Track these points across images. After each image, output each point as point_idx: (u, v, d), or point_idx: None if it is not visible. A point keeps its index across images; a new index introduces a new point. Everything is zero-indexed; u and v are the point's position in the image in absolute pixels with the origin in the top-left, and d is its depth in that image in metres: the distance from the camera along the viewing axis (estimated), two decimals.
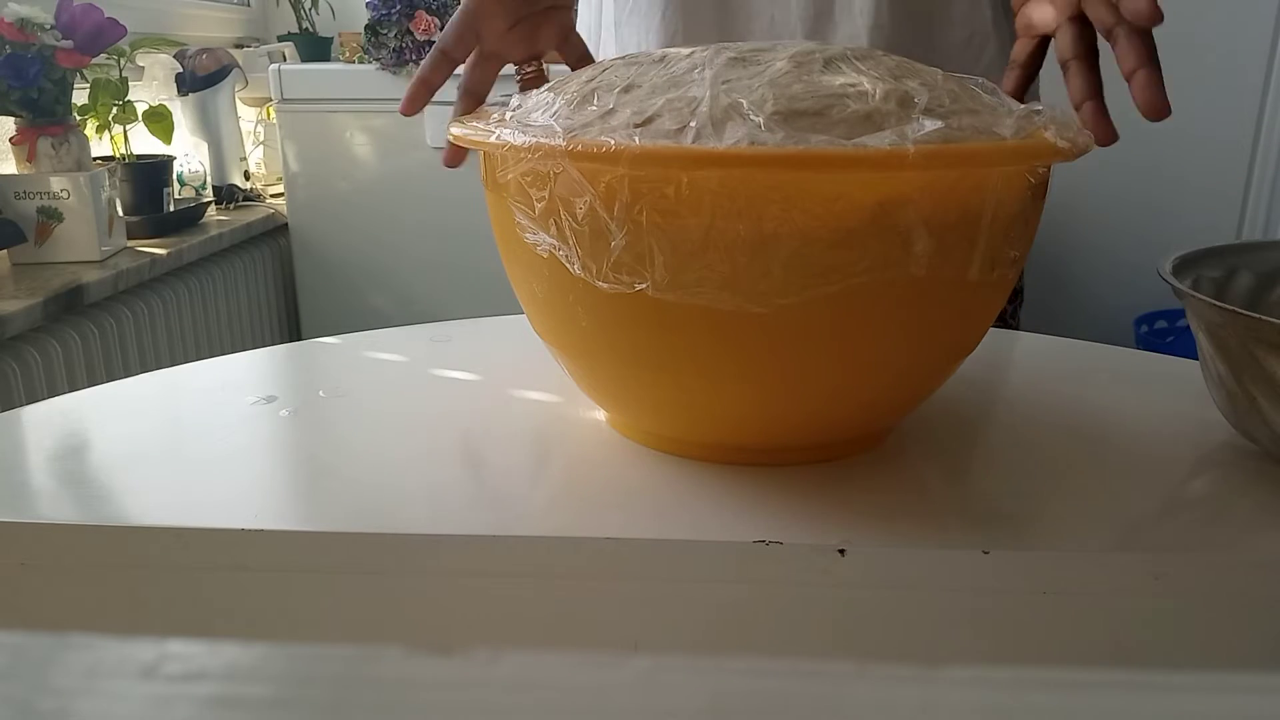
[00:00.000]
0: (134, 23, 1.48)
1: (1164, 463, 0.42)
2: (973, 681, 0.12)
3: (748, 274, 0.33)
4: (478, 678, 0.12)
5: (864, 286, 0.33)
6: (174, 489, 0.39)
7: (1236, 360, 0.39)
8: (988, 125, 0.35)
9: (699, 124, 0.33)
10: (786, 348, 0.35)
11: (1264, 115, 2.06)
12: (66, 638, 0.12)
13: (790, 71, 0.35)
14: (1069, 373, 0.54)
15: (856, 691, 0.12)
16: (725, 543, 0.35)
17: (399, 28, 1.80)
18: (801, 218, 0.32)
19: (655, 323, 0.35)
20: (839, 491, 0.39)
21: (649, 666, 0.12)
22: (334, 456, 0.42)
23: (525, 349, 0.54)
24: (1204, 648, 0.35)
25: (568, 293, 0.37)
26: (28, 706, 0.11)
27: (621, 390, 0.41)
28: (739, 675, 0.12)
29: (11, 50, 1.25)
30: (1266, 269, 0.47)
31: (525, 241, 0.37)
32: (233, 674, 0.12)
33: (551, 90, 0.39)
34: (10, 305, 1.15)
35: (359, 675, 0.12)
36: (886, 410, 0.42)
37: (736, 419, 0.40)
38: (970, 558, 0.34)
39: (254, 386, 0.51)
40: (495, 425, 0.45)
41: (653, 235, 0.33)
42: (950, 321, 0.38)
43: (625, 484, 0.39)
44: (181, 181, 1.83)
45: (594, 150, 0.32)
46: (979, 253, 0.35)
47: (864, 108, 0.33)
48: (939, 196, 0.33)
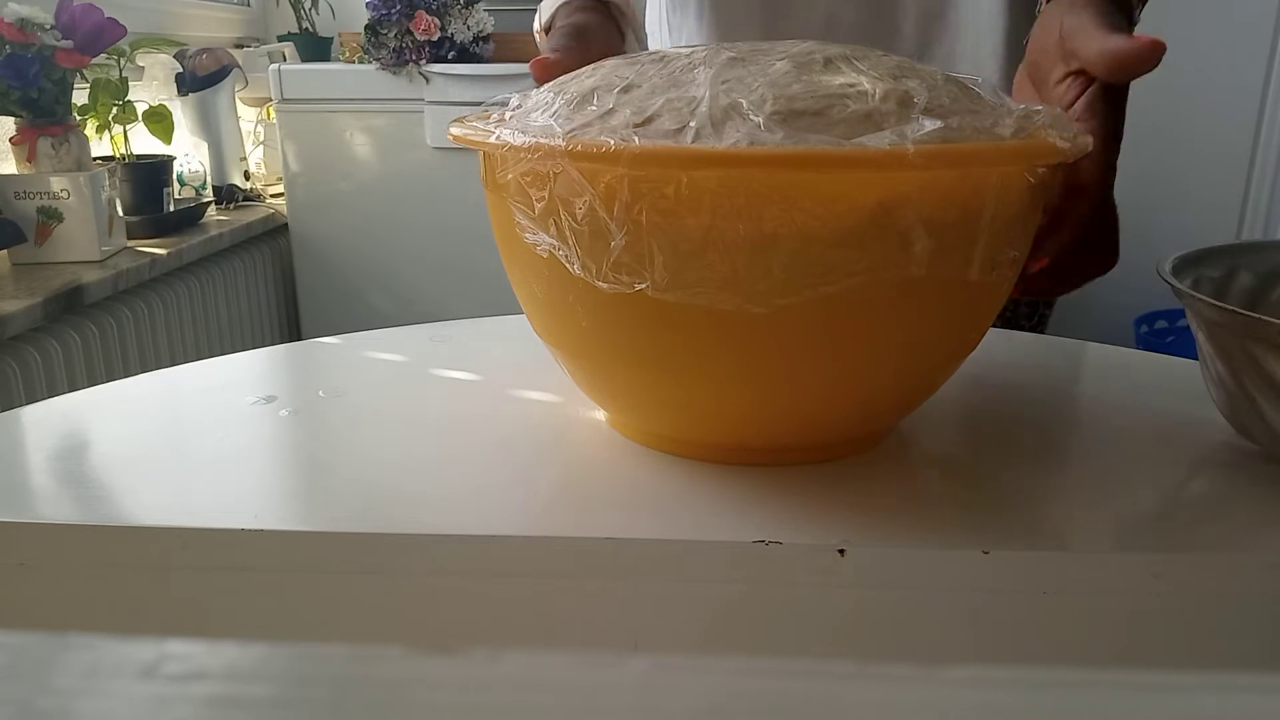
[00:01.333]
0: (134, 23, 1.48)
1: (1164, 463, 0.42)
2: (973, 681, 0.12)
3: (747, 274, 0.33)
4: (478, 678, 0.12)
5: (864, 286, 0.33)
6: (174, 489, 0.39)
7: (1236, 360, 0.39)
8: (987, 125, 0.35)
9: (698, 124, 0.33)
10: (786, 347, 0.35)
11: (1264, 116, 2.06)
12: (66, 638, 0.12)
13: (790, 71, 0.35)
14: (1069, 372, 0.54)
15: (856, 691, 0.12)
16: (725, 543, 0.35)
17: (399, 28, 1.80)
18: (801, 218, 0.32)
19: (655, 323, 0.35)
20: (839, 491, 0.39)
21: (649, 666, 0.12)
22: (334, 456, 0.42)
23: (525, 349, 0.54)
24: (1204, 648, 0.35)
25: (568, 293, 0.37)
26: (28, 706, 0.11)
27: (622, 390, 0.41)
28: (739, 675, 0.12)
29: (11, 50, 1.25)
30: (1266, 269, 0.47)
31: (525, 242, 0.37)
32: (233, 674, 0.12)
33: (551, 90, 0.39)
34: (10, 305, 1.15)
35: (359, 675, 0.12)
36: (886, 410, 0.42)
37: (736, 419, 0.40)
38: (970, 558, 0.34)
39: (254, 386, 0.51)
40: (495, 425, 0.45)
41: (652, 235, 0.33)
42: (950, 321, 0.38)
43: (625, 484, 0.39)
44: (181, 181, 1.83)
45: (593, 150, 0.32)
46: (979, 253, 0.35)
47: (864, 108, 0.33)
48: (939, 196, 0.33)
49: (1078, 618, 0.35)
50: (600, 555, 0.35)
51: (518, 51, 1.90)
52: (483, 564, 0.35)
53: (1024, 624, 0.35)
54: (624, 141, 0.32)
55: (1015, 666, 0.12)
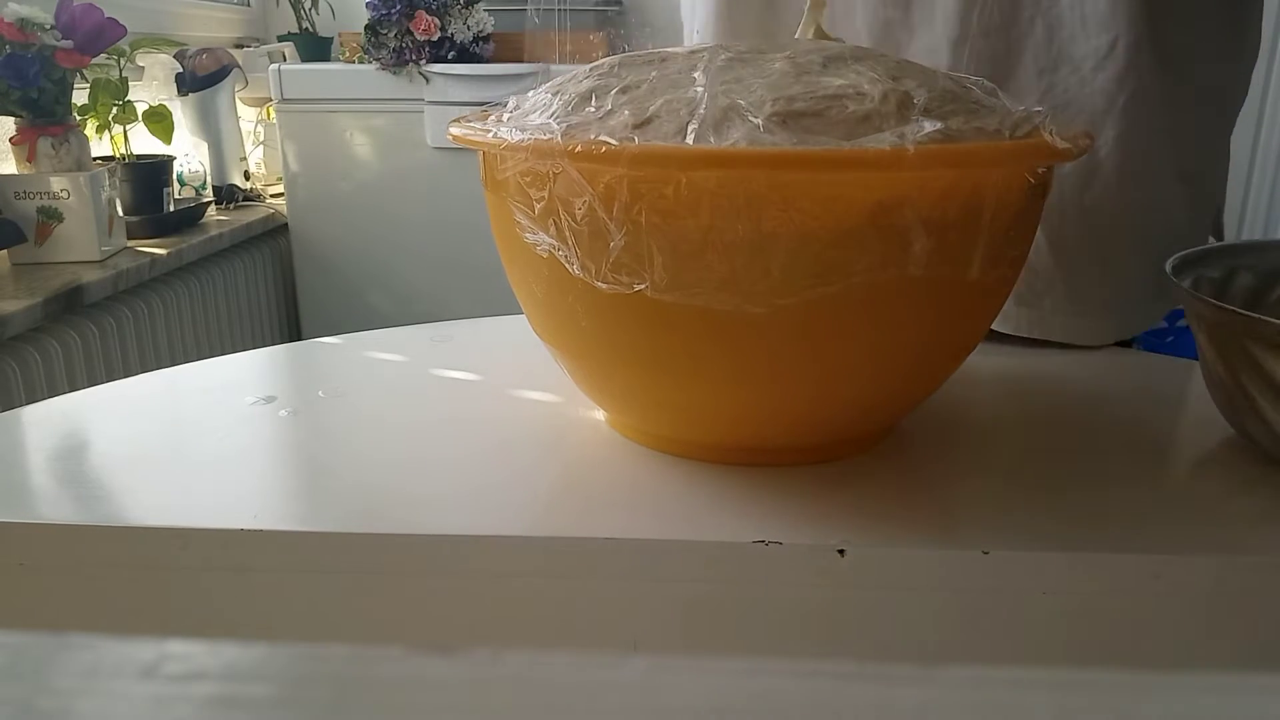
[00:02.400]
0: (134, 23, 1.48)
1: (1164, 463, 0.42)
2: (973, 681, 0.12)
3: (746, 274, 0.33)
4: (478, 678, 0.12)
5: (863, 286, 0.33)
6: (174, 489, 0.39)
7: (1236, 360, 0.39)
8: (987, 125, 0.35)
9: (698, 124, 0.33)
10: (786, 348, 0.35)
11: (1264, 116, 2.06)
12: (66, 638, 0.12)
13: (789, 72, 0.35)
14: (1069, 373, 0.54)
15: (856, 691, 0.12)
16: (725, 543, 0.35)
17: (399, 28, 1.80)
18: (800, 218, 0.32)
19: (655, 323, 0.35)
20: (838, 492, 0.39)
21: (649, 666, 0.12)
22: (334, 456, 0.42)
23: (525, 349, 0.54)
24: (1204, 648, 0.35)
25: (567, 293, 0.37)
26: (28, 706, 0.11)
27: (622, 390, 0.41)
28: (739, 675, 0.12)
29: (11, 50, 1.25)
30: (1266, 269, 0.47)
31: (525, 242, 0.37)
32: (233, 674, 0.12)
33: (550, 91, 0.39)
34: (10, 305, 1.15)
35: (359, 675, 0.12)
36: (886, 410, 0.42)
37: (737, 419, 0.40)
38: (970, 558, 0.34)
39: (254, 386, 0.51)
40: (495, 425, 0.45)
41: (651, 236, 0.33)
42: (950, 321, 0.38)
43: (625, 484, 0.39)
44: (181, 181, 1.83)
45: (593, 150, 0.32)
46: (978, 253, 0.35)
47: (863, 108, 0.33)
48: (938, 197, 0.33)
49: (1078, 618, 0.35)
50: (600, 555, 0.35)
51: (518, 51, 1.90)
52: (483, 564, 0.36)
53: (1024, 624, 0.35)
54: (623, 142, 0.32)
55: (1015, 666, 0.12)
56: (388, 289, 1.98)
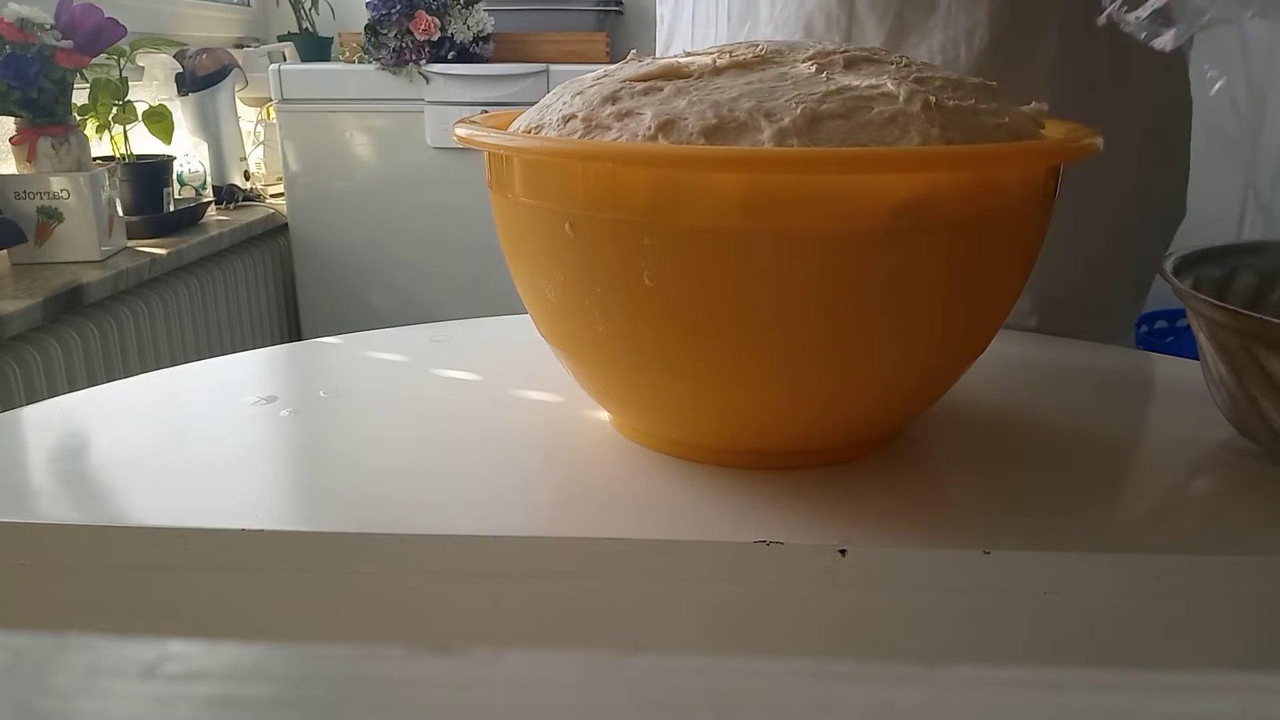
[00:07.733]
0: (134, 23, 1.48)
1: (1164, 463, 0.42)
2: (973, 681, 0.12)
3: (771, 275, 0.33)
4: (478, 678, 0.12)
5: (876, 289, 0.33)
6: (174, 489, 0.39)
7: (1237, 360, 0.39)
8: (1000, 125, 0.35)
9: (721, 125, 0.33)
10: (798, 351, 0.35)
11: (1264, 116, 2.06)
12: (66, 638, 0.12)
13: (812, 74, 0.35)
14: (1069, 372, 0.54)
15: (856, 691, 0.12)
16: (726, 543, 0.35)
17: (399, 28, 1.80)
18: (820, 220, 0.32)
19: (676, 326, 0.35)
20: (840, 492, 0.39)
21: (649, 666, 0.12)
22: (335, 457, 0.42)
23: (526, 349, 0.54)
24: (1204, 648, 0.35)
25: (584, 297, 0.36)
26: (28, 706, 0.11)
27: (633, 394, 0.41)
28: (739, 675, 0.12)
29: (11, 50, 1.25)
30: (1267, 269, 0.47)
31: (534, 244, 0.37)
32: (233, 674, 0.12)
33: (572, 91, 0.39)
34: (10, 305, 1.15)
35: (359, 675, 0.12)
36: (900, 412, 0.42)
37: (750, 423, 0.39)
38: (970, 558, 0.34)
39: (254, 387, 0.51)
40: (496, 425, 0.45)
41: (673, 235, 0.33)
42: (961, 324, 0.38)
43: (626, 485, 0.39)
44: (181, 181, 1.83)
45: (612, 152, 0.32)
46: (996, 252, 0.35)
47: (888, 109, 0.33)
48: (953, 197, 0.33)
49: (1078, 618, 0.35)
50: (602, 555, 0.35)
51: (518, 51, 1.90)
52: (483, 564, 0.35)
53: (1024, 624, 0.35)
54: (641, 143, 0.32)
55: (1015, 666, 0.12)
56: (388, 289, 1.98)
